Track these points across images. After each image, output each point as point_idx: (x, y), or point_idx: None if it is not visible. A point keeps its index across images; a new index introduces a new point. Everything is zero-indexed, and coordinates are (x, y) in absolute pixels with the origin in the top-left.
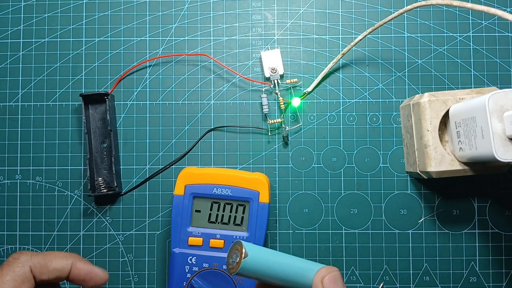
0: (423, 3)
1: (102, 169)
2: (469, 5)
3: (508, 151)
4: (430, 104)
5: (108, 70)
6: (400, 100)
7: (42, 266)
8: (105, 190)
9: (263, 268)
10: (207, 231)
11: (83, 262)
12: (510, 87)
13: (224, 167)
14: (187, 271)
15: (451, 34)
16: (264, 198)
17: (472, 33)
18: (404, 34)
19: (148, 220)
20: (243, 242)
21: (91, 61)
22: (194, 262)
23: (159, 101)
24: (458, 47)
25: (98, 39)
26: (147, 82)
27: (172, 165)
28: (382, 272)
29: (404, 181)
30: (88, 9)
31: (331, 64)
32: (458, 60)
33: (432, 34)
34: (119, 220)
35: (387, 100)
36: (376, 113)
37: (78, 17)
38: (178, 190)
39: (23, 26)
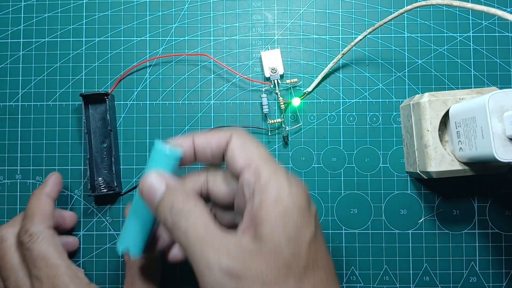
0: (423, 3)
1: (102, 169)
2: (469, 5)
3: (508, 151)
4: (430, 104)
5: (108, 70)
6: (400, 100)
7: None
8: (105, 190)
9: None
10: None
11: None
12: (510, 87)
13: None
14: None
15: (451, 34)
16: None
17: (472, 33)
18: (404, 34)
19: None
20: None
21: (91, 61)
22: None
23: (159, 101)
24: (458, 47)
25: (98, 39)
26: (147, 82)
27: None
28: (382, 272)
29: (404, 181)
30: (88, 9)
31: (331, 64)
32: (458, 60)
33: (432, 34)
34: (119, 220)
35: (387, 100)
36: (376, 113)
37: (78, 17)
38: None
39: (23, 26)
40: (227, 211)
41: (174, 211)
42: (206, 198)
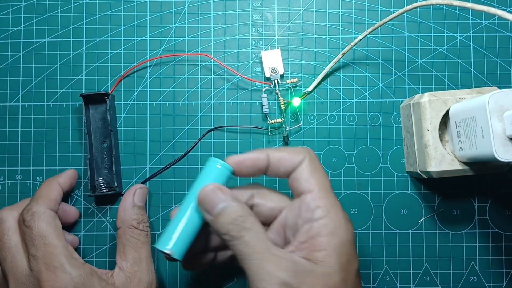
0: (423, 3)
1: (103, 169)
2: (469, 5)
3: (508, 151)
4: (430, 104)
5: (109, 70)
6: (400, 100)
7: None
8: (105, 190)
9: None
10: None
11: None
12: (510, 87)
13: None
14: None
15: (451, 34)
16: None
17: (472, 33)
18: (404, 34)
19: (148, 220)
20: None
21: (91, 61)
22: None
23: (159, 101)
24: (458, 47)
25: (99, 39)
26: (147, 82)
27: (172, 165)
28: (382, 272)
29: (404, 181)
30: (89, 9)
31: (331, 64)
32: (458, 60)
33: (432, 34)
34: None
35: (387, 100)
36: (376, 113)
37: (79, 17)
38: None
39: (23, 26)
40: (266, 224)
41: (237, 223)
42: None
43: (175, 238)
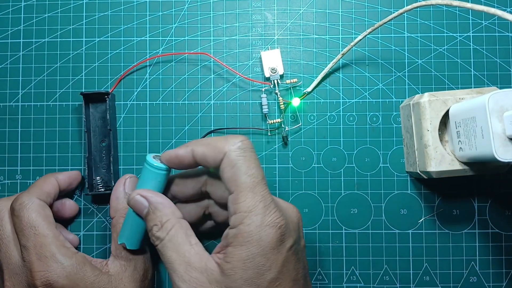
0: (423, 3)
1: (101, 168)
2: (469, 5)
3: (508, 151)
4: (430, 104)
5: (108, 70)
6: (400, 100)
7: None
8: (102, 189)
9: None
10: None
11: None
12: (510, 87)
13: None
14: None
15: (451, 34)
16: None
17: (472, 33)
18: (404, 34)
19: None
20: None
21: (91, 61)
22: None
23: (159, 101)
24: (458, 47)
25: (98, 39)
26: (147, 82)
27: None
28: (382, 272)
29: (404, 181)
30: (88, 9)
31: (331, 64)
32: (458, 60)
33: (432, 34)
34: None
35: (387, 100)
36: (376, 113)
37: (78, 17)
38: None
39: (23, 26)
40: (224, 209)
41: (153, 233)
42: (207, 194)
43: (126, 233)
